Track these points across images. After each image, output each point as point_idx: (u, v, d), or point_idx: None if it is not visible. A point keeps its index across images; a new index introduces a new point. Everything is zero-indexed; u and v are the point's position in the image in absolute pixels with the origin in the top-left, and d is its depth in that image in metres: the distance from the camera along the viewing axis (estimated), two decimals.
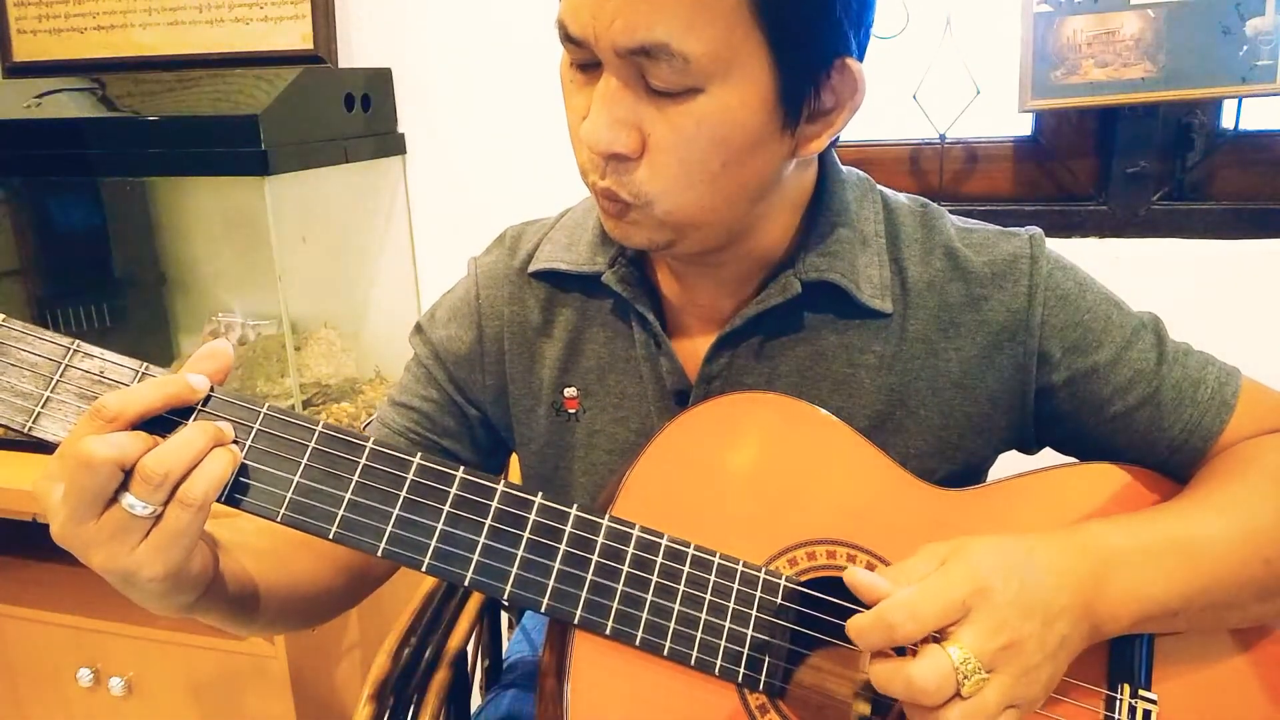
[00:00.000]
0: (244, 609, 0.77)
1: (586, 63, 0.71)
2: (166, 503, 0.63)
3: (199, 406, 0.67)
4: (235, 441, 0.67)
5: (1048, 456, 0.88)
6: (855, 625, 0.65)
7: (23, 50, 1.85)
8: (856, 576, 0.67)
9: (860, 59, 0.73)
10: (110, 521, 0.63)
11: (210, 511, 0.65)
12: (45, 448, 1.63)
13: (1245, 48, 1.34)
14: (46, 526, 1.43)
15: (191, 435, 0.64)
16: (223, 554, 0.74)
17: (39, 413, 0.66)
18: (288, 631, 0.88)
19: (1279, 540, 0.75)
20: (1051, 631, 0.66)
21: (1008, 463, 0.89)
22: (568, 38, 0.70)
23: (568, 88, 0.74)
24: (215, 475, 0.64)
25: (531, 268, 0.91)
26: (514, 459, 0.98)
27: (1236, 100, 1.45)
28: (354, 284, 1.86)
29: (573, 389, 0.90)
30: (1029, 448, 0.90)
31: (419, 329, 0.96)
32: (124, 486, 0.63)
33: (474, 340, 0.92)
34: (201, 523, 0.65)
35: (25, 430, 0.66)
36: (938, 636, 0.64)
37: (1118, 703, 0.75)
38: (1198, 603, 0.73)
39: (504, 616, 1.38)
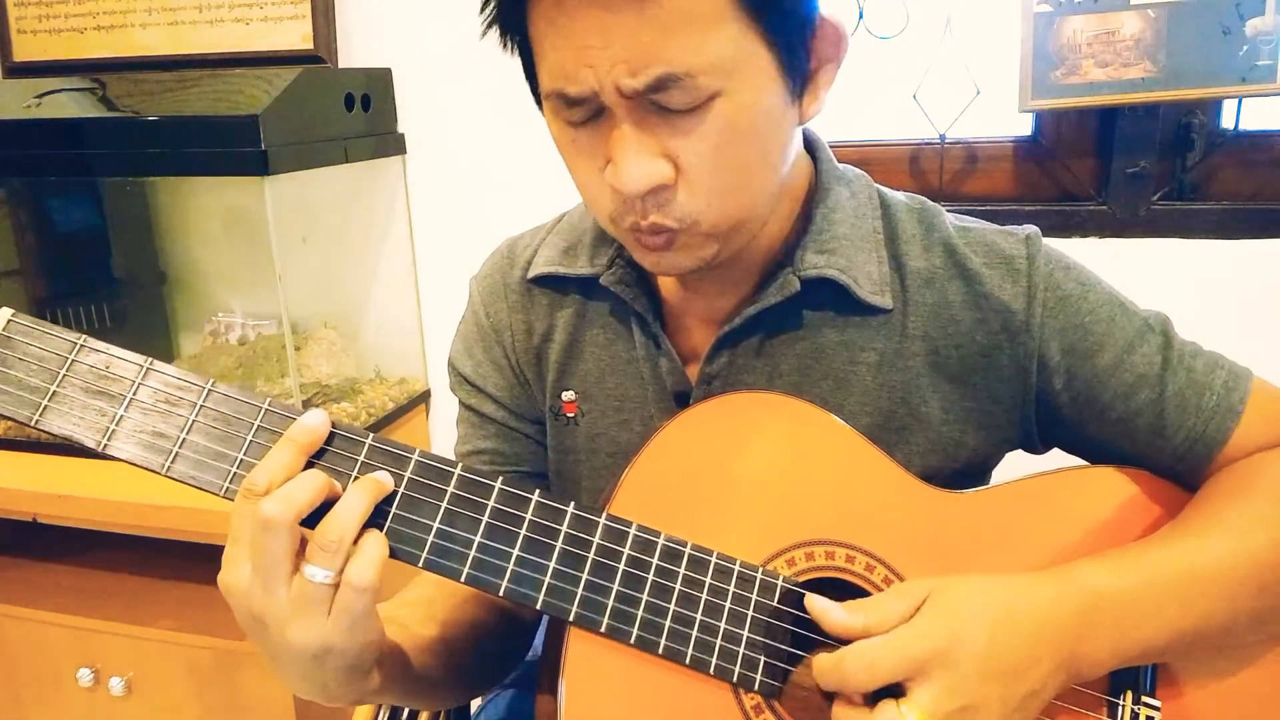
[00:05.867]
0: (420, 679, 0.78)
1: (587, 117, 0.70)
2: (342, 570, 0.64)
3: (328, 447, 0.68)
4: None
5: (1056, 458, 0.88)
6: (817, 665, 0.68)
7: (23, 50, 1.85)
8: (815, 605, 0.70)
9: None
10: (299, 591, 0.63)
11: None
12: (46, 448, 1.62)
13: (1245, 48, 1.34)
14: (47, 527, 1.42)
15: (357, 500, 0.65)
16: (391, 625, 0.75)
17: (46, 406, 0.67)
18: (470, 690, 0.90)
19: (1277, 567, 0.74)
20: (1018, 687, 0.66)
21: (1013, 464, 0.89)
22: (568, 101, 0.68)
23: (570, 150, 0.73)
24: (380, 545, 0.66)
25: (530, 274, 0.91)
26: None
27: (1236, 100, 1.45)
28: (354, 284, 1.87)
29: (570, 393, 0.90)
30: (1035, 448, 0.89)
31: (452, 373, 0.96)
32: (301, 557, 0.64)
33: (500, 356, 0.93)
34: (378, 585, 0.65)
35: (33, 423, 0.67)
36: (897, 690, 0.66)
37: (1120, 709, 0.75)
38: (1186, 640, 0.72)
39: None
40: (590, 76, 0.66)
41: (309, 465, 0.67)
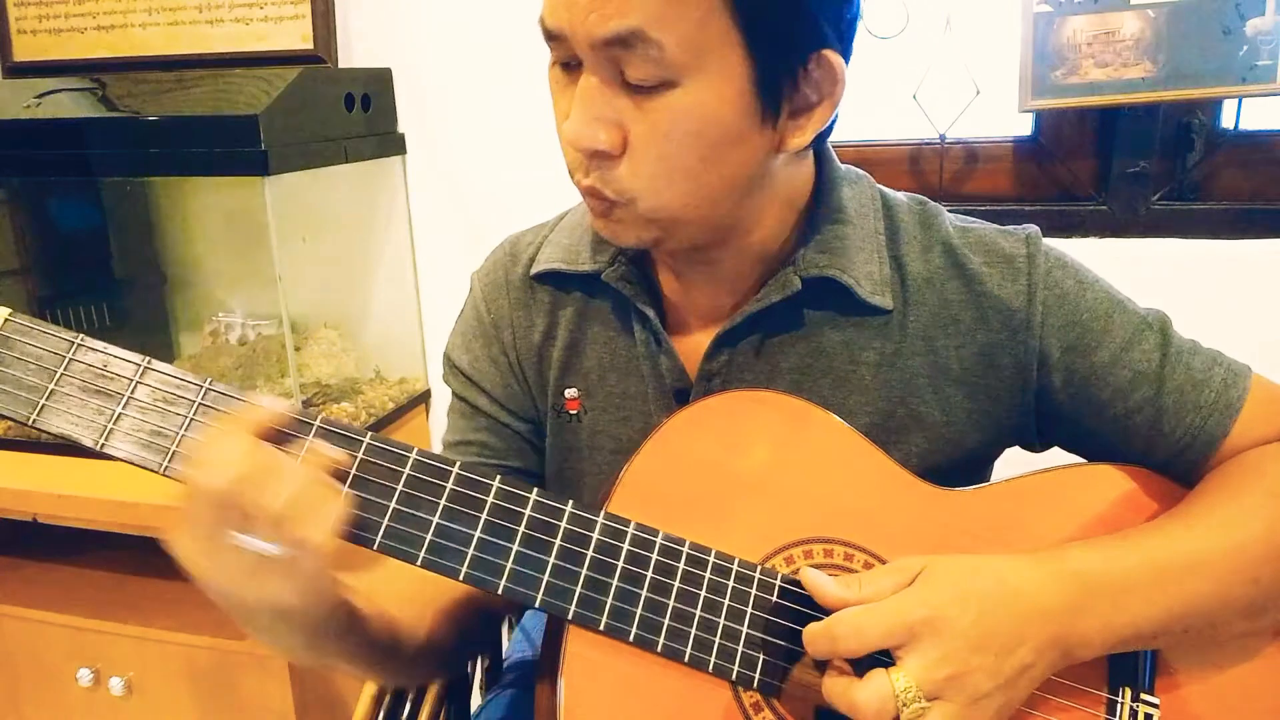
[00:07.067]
0: (385, 653, 0.78)
1: (569, 61, 0.72)
2: (288, 539, 0.63)
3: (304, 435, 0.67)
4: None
5: (1055, 456, 0.88)
6: (808, 631, 0.68)
7: (23, 50, 1.85)
8: (810, 577, 0.70)
9: (844, 51, 0.73)
10: (244, 558, 0.63)
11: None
12: (46, 448, 1.62)
13: (1245, 48, 1.34)
14: (47, 526, 1.42)
15: (301, 471, 0.64)
16: (358, 597, 0.74)
17: (43, 405, 0.67)
18: (427, 666, 0.90)
19: (1270, 559, 0.74)
20: (1008, 661, 0.66)
21: (1011, 461, 0.89)
22: (548, 34, 0.71)
23: (553, 89, 0.75)
24: (331, 512, 0.64)
25: (533, 270, 0.91)
26: None
27: (1236, 100, 1.45)
28: (354, 284, 1.87)
29: (573, 390, 0.90)
30: (1033, 446, 0.90)
31: (447, 365, 0.96)
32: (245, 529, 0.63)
33: (498, 353, 0.93)
34: (326, 556, 0.64)
35: (30, 423, 0.67)
36: (885, 660, 0.66)
37: (1119, 706, 0.75)
38: (1178, 626, 0.72)
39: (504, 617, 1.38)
40: (565, 17, 0.68)
41: None
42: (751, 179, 0.76)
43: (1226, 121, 1.48)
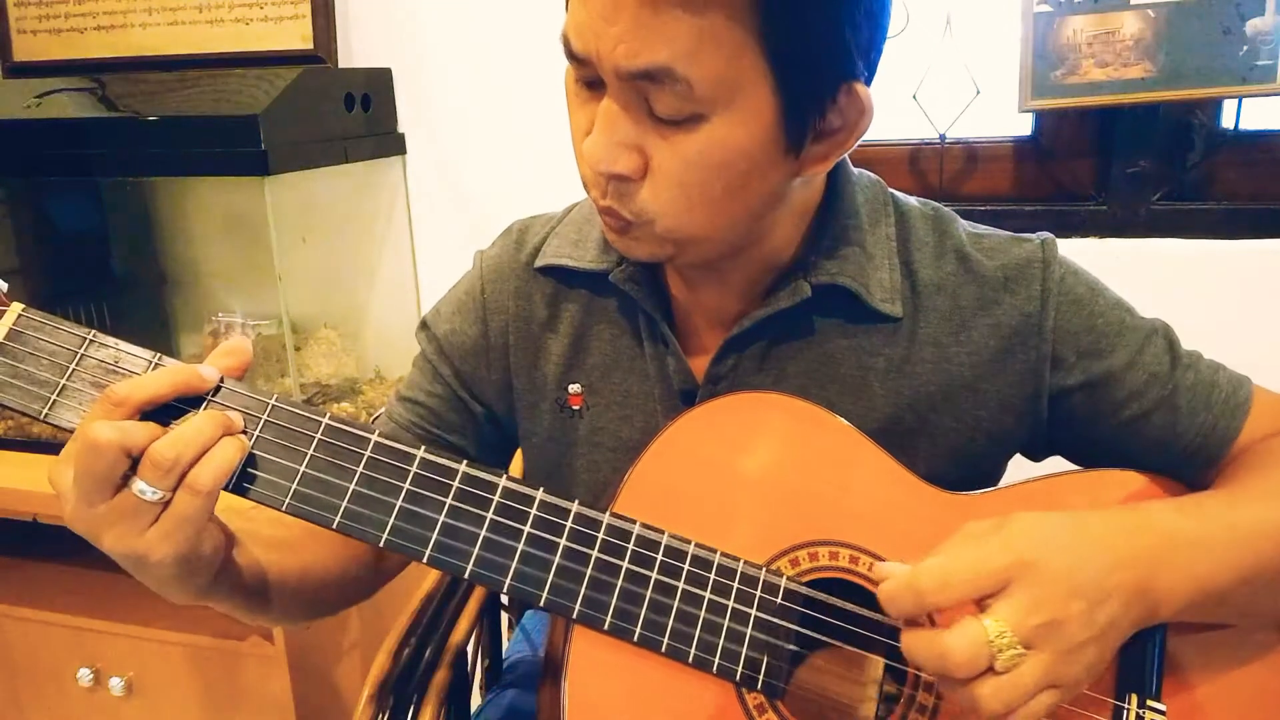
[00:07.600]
0: (255, 597, 0.78)
1: (590, 79, 0.71)
2: (176, 488, 0.64)
3: (209, 397, 0.69)
4: (244, 432, 0.68)
5: (1056, 463, 0.88)
6: (885, 590, 0.64)
7: (23, 50, 1.85)
8: (883, 568, 0.66)
9: (869, 81, 0.72)
10: (120, 505, 0.64)
11: (218, 498, 0.66)
12: (46, 448, 1.61)
13: (1245, 48, 1.34)
14: (47, 526, 1.42)
15: (201, 423, 0.65)
16: (234, 544, 0.75)
17: (55, 400, 0.68)
18: (299, 621, 0.89)
19: None
20: (1100, 612, 0.63)
21: (1018, 468, 0.89)
22: (571, 55, 0.69)
23: (571, 101, 0.74)
24: (223, 463, 0.65)
25: (538, 263, 0.90)
26: (517, 455, 0.99)
27: (1236, 100, 1.45)
28: (354, 284, 1.86)
29: (577, 385, 0.89)
30: (1036, 454, 0.90)
31: (424, 325, 0.96)
32: (134, 472, 0.64)
33: (479, 334, 0.92)
34: (209, 508, 0.66)
35: (41, 417, 0.67)
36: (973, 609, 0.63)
37: (1125, 712, 0.74)
38: (1249, 586, 0.71)
39: (504, 616, 1.38)
40: (593, 43, 0.66)
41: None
42: (770, 203, 0.76)
43: (1226, 121, 1.48)
